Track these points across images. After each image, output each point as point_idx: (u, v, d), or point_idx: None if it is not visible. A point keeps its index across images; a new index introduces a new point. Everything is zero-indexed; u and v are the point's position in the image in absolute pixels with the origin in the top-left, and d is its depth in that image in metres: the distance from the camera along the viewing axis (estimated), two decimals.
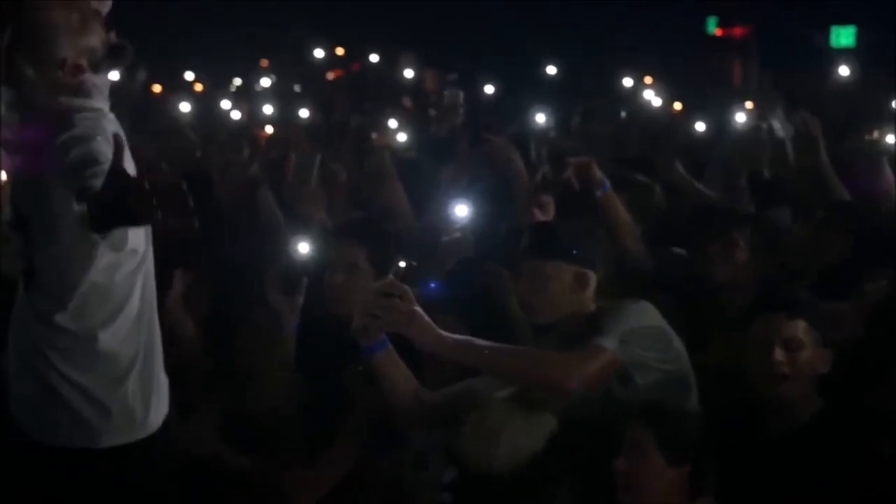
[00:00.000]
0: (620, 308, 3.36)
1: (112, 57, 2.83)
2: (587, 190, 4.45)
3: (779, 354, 3.25)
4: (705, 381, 3.48)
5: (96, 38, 2.79)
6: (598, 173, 4.44)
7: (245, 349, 4.05)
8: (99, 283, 2.76)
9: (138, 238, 2.82)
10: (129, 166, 2.60)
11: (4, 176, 2.98)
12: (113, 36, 2.83)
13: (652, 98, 8.32)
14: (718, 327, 4.05)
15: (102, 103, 2.83)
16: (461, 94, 8.58)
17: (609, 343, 3.23)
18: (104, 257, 2.73)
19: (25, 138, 2.80)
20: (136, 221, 2.53)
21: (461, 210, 4.62)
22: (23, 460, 2.87)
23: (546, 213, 4.73)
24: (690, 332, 3.68)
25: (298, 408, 3.97)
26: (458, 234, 4.56)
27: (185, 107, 8.58)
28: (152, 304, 2.92)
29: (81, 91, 2.77)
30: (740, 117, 6.50)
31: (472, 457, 3.19)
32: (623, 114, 8.21)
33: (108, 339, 2.80)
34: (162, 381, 2.94)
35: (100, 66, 2.82)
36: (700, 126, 7.05)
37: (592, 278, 3.45)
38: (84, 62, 2.77)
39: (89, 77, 2.79)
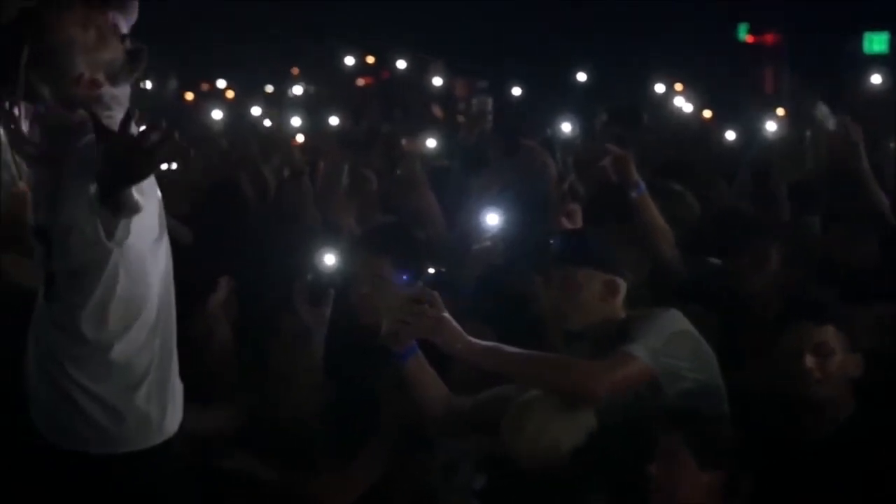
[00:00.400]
0: (650, 316, 3.36)
1: (129, 66, 2.87)
2: (621, 191, 4.44)
3: (809, 360, 3.25)
4: (738, 388, 3.47)
5: (112, 52, 2.83)
6: (634, 172, 4.43)
7: (274, 358, 4.07)
8: (115, 292, 2.78)
9: (158, 248, 2.86)
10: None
11: (24, 186, 3.02)
12: (129, 43, 2.86)
13: (682, 104, 8.31)
14: (750, 336, 4.03)
15: (121, 113, 2.86)
16: (490, 101, 8.58)
17: (638, 351, 3.23)
18: (120, 265, 2.76)
19: (44, 149, 2.84)
20: (139, 177, 2.61)
21: (492, 219, 4.62)
22: (42, 464, 2.90)
23: (574, 221, 4.72)
24: (723, 340, 3.68)
25: (328, 415, 3.98)
26: (488, 243, 4.56)
27: (216, 114, 8.64)
28: (169, 311, 2.93)
29: (100, 103, 2.80)
30: (771, 126, 6.47)
31: (514, 449, 3.19)
32: (645, 117, 8.16)
33: (124, 347, 2.82)
34: (177, 387, 2.96)
35: (118, 79, 2.85)
36: (730, 134, 7.03)
37: (622, 286, 3.44)
38: (101, 77, 2.80)
39: (107, 90, 2.82)
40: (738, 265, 4.30)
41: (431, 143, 6.96)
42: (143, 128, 2.57)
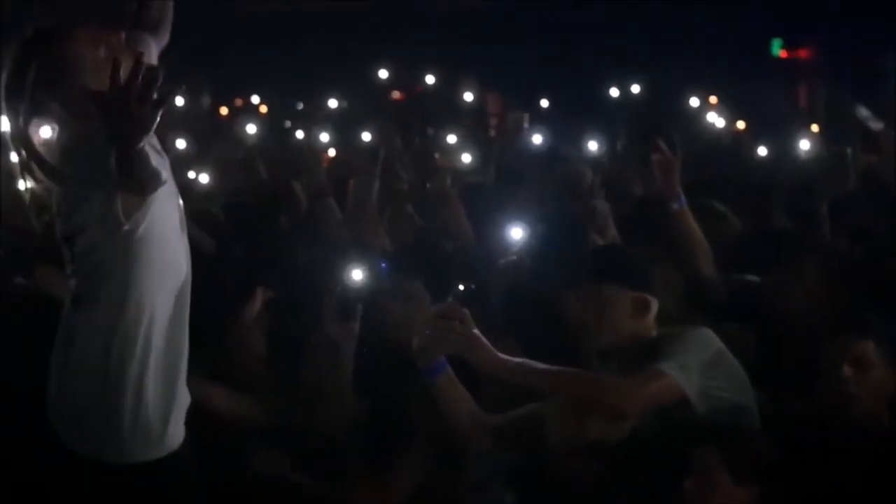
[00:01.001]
0: (681, 334, 3.34)
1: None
2: (655, 207, 4.41)
3: (847, 374, 3.24)
4: (775, 404, 3.45)
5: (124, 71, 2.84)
6: (678, 182, 4.39)
7: (304, 373, 4.08)
8: (136, 303, 2.81)
9: (178, 259, 2.88)
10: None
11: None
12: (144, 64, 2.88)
13: (715, 120, 8.28)
14: (788, 352, 4.00)
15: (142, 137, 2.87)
16: (526, 117, 8.59)
17: (668, 369, 3.21)
18: (142, 277, 2.79)
19: (58, 160, 2.87)
20: (141, 127, 2.57)
21: (517, 232, 4.61)
22: (61, 471, 2.92)
23: (605, 236, 4.70)
24: (760, 357, 3.65)
25: (360, 431, 3.99)
26: (514, 257, 4.56)
27: (250, 129, 8.70)
28: (183, 325, 2.94)
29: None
30: (805, 143, 6.43)
31: (557, 435, 3.18)
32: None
33: (140, 358, 2.84)
34: (183, 400, 2.97)
35: None
36: (762, 150, 6.99)
37: (653, 303, 3.42)
38: None
39: None
40: (776, 282, 4.25)
41: (466, 157, 6.96)
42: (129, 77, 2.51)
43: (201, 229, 5.77)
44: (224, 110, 11.59)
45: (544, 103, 9.53)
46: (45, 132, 2.92)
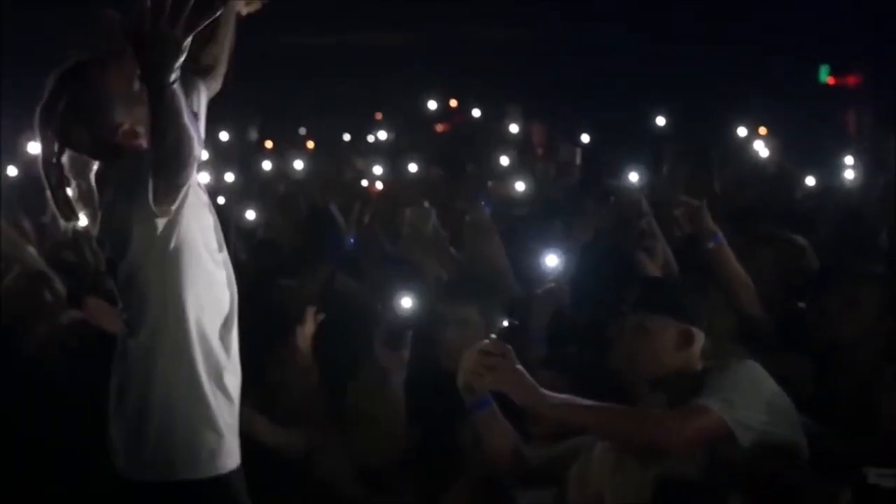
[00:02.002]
0: (727, 368, 3.31)
1: None
2: (696, 241, 4.39)
3: None
4: (831, 433, 3.42)
5: None
6: (710, 222, 4.38)
7: (354, 401, 4.09)
8: (177, 325, 2.84)
9: (217, 279, 2.90)
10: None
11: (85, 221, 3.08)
12: None
13: (762, 149, 8.23)
14: (845, 382, 3.96)
15: None
16: (578, 151, 8.60)
17: (713, 404, 3.18)
18: (181, 297, 2.81)
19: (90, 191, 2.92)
20: (175, 53, 2.52)
21: (552, 260, 4.60)
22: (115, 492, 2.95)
23: (652, 256, 4.67)
24: (817, 387, 3.60)
25: (411, 459, 3.99)
26: (552, 284, 4.55)
27: (298, 164, 8.77)
28: (229, 348, 2.94)
29: (141, 152, 2.84)
30: (853, 171, 6.38)
31: (600, 470, 3.18)
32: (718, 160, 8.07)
33: (187, 380, 2.86)
34: (229, 425, 2.95)
35: None
36: (810, 179, 6.94)
37: (699, 336, 3.39)
38: (141, 129, 2.83)
39: (146, 140, 2.82)
40: (831, 311, 4.21)
41: (520, 186, 6.98)
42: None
43: (248, 260, 5.84)
44: (269, 144, 11.67)
45: (585, 137, 9.52)
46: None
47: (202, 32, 2.80)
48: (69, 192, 2.91)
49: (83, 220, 2.99)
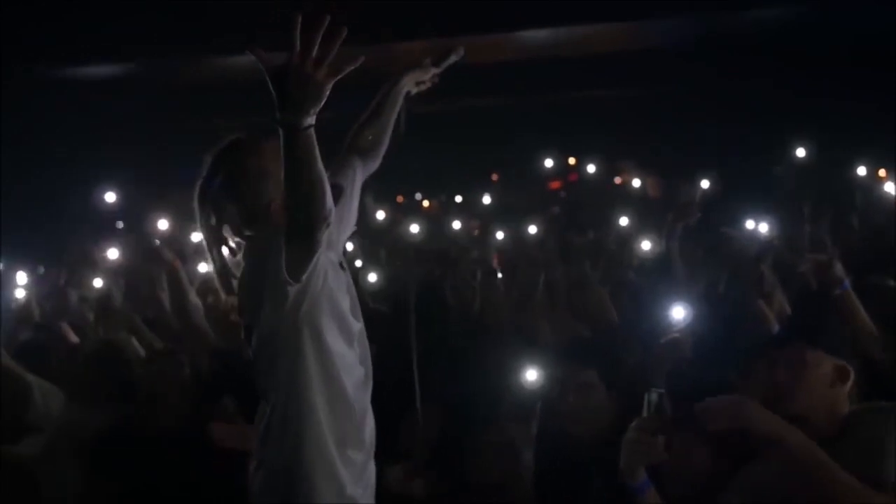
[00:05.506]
0: (885, 420, 3.13)
1: None
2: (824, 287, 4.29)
3: None
4: None
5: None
6: (840, 271, 4.29)
7: (475, 473, 4.06)
8: (304, 396, 2.89)
9: (347, 350, 2.95)
10: None
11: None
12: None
13: (882, 193, 8.02)
14: None
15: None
16: (700, 190, 8.50)
17: None
18: (310, 367, 2.87)
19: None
20: (316, 94, 2.51)
21: (678, 312, 4.54)
22: None
23: (772, 305, 4.59)
24: None
25: None
26: (677, 334, 4.49)
27: (414, 228, 8.80)
28: (355, 418, 2.99)
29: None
30: None
31: None
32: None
33: (316, 445, 2.91)
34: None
35: None
36: None
37: (852, 375, 3.26)
38: None
39: None
40: None
41: (646, 245, 6.91)
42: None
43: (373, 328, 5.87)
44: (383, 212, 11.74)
45: (705, 184, 9.38)
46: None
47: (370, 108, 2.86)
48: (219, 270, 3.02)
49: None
